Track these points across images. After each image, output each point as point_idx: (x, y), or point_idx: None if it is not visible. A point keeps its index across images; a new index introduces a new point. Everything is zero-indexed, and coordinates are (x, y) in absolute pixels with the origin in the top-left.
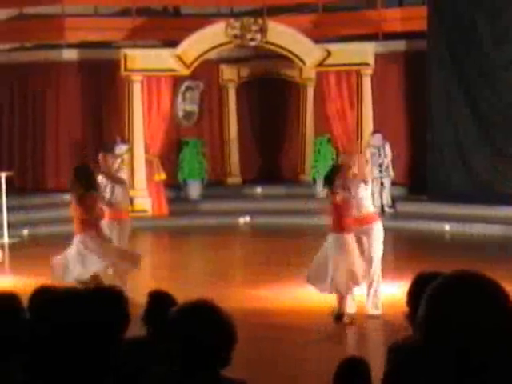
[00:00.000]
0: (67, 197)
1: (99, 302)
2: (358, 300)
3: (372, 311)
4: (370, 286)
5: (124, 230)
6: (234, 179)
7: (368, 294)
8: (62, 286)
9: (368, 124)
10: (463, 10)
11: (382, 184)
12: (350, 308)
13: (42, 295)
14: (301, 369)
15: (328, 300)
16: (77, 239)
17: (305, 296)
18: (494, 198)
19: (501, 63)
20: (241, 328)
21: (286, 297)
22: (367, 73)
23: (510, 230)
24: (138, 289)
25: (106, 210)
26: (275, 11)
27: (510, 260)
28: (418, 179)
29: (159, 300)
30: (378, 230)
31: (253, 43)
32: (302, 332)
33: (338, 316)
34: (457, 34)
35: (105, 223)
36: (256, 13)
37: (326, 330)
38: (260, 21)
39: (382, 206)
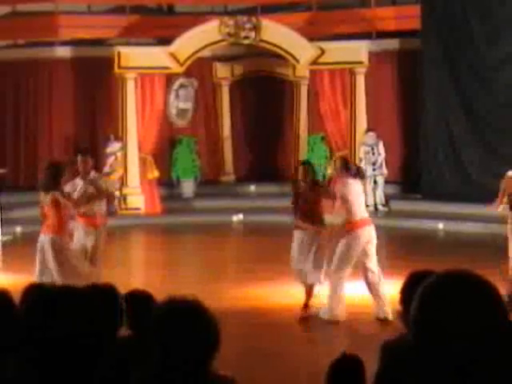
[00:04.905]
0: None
1: (93, 299)
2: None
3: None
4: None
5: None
6: (228, 177)
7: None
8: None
9: (361, 122)
10: (456, 9)
11: (375, 182)
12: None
13: (35, 293)
14: (292, 366)
15: (318, 298)
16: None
17: (297, 294)
18: (487, 197)
19: (494, 62)
20: (232, 326)
21: (279, 295)
22: (361, 71)
23: (503, 228)
24: (130, 287)
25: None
26: (269, 9)
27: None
28: (412, 178)
29: (135, 300)
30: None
31: (247, 41)
32: (294, 329)
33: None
34: (450, 33)
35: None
36: (250, 11)
37: (318, 328)
38: (254, 19)
39: (376, 205)
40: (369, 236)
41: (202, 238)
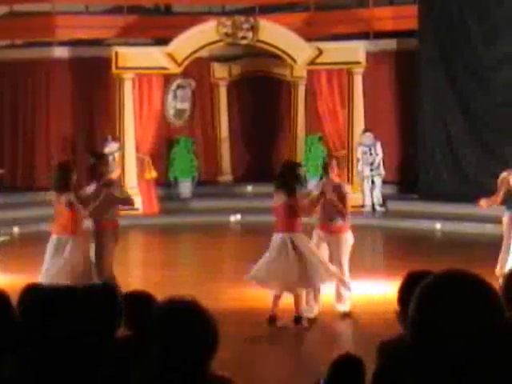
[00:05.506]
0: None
1: (91, 299)
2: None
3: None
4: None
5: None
6: (225, 177)
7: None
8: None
9: (359, 122)
10: (454, 9)
11: (372, 183)
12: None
13: (33, 293)
14: (290, 366)
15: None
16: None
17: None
18: (485, 197)
19: (491, 62)
20: (230, 325)
21: None
22: (358, 71)
23: (500, 228)
24: (128, 287)
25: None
26: (267, 9)
27: None
28: (409, 178)
29: (135, 300)
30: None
31: (244, 41)
32: (291, 329)
33: (272, 319)
34: (447, 33)
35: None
36: (247, 11)
37: (315, 328)
38: (251, 19)
39: (373, 205)
40: None
41: (199, 238)
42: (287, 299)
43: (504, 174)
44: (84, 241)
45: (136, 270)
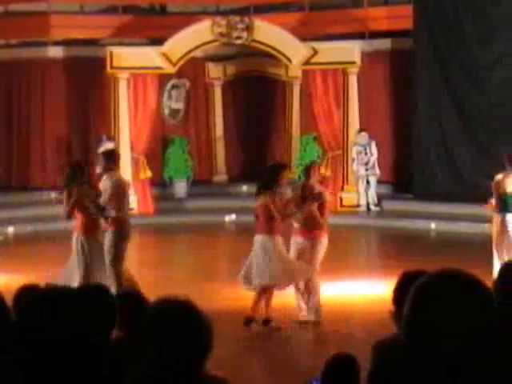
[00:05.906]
0: (52, 194)
1: (86, 300)
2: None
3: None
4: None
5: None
6: (220, 177)
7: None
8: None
9: (354, 122)
10: (448, 9)
11: (367, 182)
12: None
13: (28, 294)
14: (285, 366)
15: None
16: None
17: (288, 294)
18: (479, 197)
19: (486, 62)
20: (224, 325)
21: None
22: (353, 71)
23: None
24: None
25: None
26: (261, 9)
27: None
28: (404, 177)
29: (127, 301)
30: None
31: (239, 41)
32: (286, 329)
33: (248, 320)
34: (442, 33)
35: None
36: (242, 11)
37: (310, 328)
38: (246, 19)
39: (368, 205)
40: None
41: (194, 238)
42: (282, 300)
43: (498, 177)
44: (95, 239)
45: (131, 270)
